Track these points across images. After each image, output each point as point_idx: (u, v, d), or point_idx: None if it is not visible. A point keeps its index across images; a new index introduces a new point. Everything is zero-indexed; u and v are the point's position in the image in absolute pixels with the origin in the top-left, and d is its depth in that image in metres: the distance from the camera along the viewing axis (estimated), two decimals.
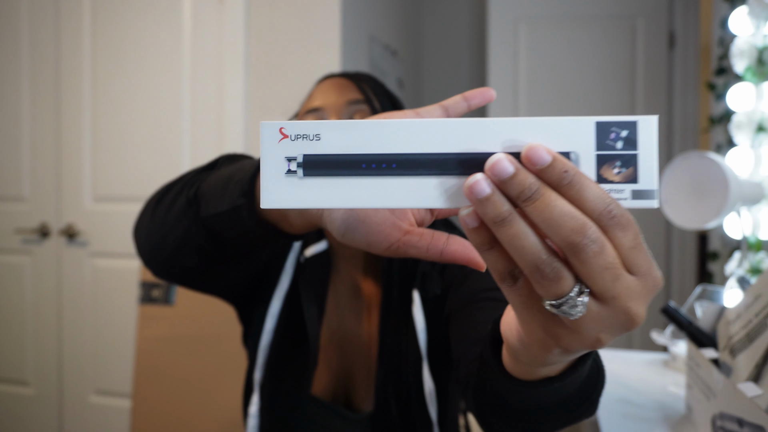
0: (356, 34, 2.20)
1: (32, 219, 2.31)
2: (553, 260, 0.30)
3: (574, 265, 0.31)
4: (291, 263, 0.84)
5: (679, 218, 1.12)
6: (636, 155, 0.33)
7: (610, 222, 0.30)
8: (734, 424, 0.63)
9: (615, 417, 0.91)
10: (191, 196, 0.60)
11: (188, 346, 1.83)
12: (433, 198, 0.35)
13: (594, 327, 0.32)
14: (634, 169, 0.33)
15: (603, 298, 0.31)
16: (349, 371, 0.85)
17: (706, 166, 1.07)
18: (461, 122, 0.35)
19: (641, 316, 0.32)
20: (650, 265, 0.32)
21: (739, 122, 1.32)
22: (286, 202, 0.36)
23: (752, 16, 1.31)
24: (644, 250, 0.32)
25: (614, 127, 0.33)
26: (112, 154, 2.22)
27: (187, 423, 1.80)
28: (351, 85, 0.81)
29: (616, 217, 0.30)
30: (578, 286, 0.31)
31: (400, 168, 0.35)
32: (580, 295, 0.31)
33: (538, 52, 2.72)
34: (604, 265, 0.30)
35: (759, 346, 0.70)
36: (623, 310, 0.31)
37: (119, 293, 2.22)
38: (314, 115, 0.78)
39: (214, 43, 2.11)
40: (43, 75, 2.29)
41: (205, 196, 0.58)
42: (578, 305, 0.31)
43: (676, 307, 0.88)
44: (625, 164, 0.33)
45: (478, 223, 0.32)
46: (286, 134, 0.36)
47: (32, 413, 2.35)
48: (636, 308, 0.31)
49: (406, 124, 0.35)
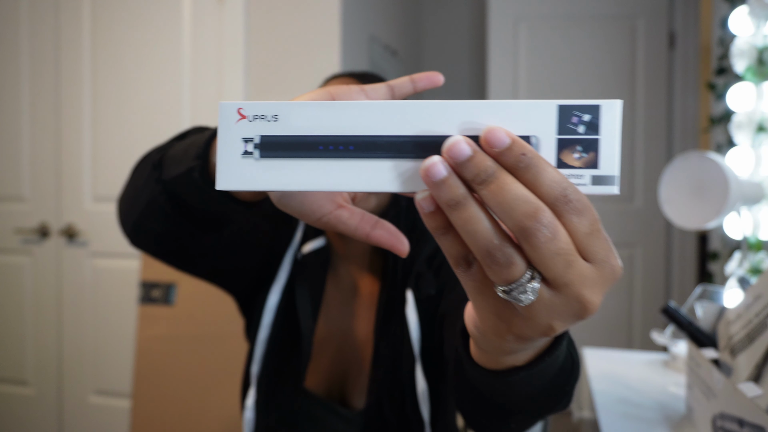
0: (356, 34, 2.20)
1: (32, 219, 2.31)
2: (504, 245, 0.30)
3: (526, 251, 0.30)
4: (289, 259, 0.85)
5: (680, 218, 1.12)
6: (597, 140, 0.32)
7: (565, 207, 0.30)
8: (734, 425, 0.63)
9: (615, 417, 0.91)
10: (156, 161, 0.62)
11: (188, 346, 1.83)
12: (390, 181, 0.34)
13: (546, 314, 0.31)
14: (595, 154, 0.32)
15: (555, 284, 0.30)
16: (345, 368, 0.86)
17: (706, 166, 1.07)
18: (420, 104, 0.34)
19: (595, 305, 0.31)
20: (608, 253, 0.31)
21: (739, 122, 1.32)
22: (242, 183, 0.35)
23: (752, 16, 1.31)
24: (602, 237, 0.31)
25: (576, 111, 0.32)
26: (112, 154, 2.22)
27: (187, 423, 1.80)
28: (356, 84, 0.81)
29: (572, 202, 0.30)
30: (529, 272, 0.30)
31: (358, 150, 0.34)
32: (531, 281, 0.30)
33: (538, 52, 2.72)
34: (556, 251, 0.29)
35: (759, 346, 0.70)
36: (576, 298, 0.30)
37: (119, 293, 2.22)
38: None
39: (214, 44, 2.11)
40: (43, 75, 2.29)
41: (167, 160, 0.61)
42: (528, 291, 0.30)
43: (676, 307, 0.88)
44: (586, 149, 0.32)
45: (433, 208, 0.31)
46: (244, 115, 0.35)
47: (32, 413, 2.35)
48: (590, 296, 0.31)
49: (365, 106, 0.34)
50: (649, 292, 2.72)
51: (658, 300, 2.71)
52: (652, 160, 2.68)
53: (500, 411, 0.49)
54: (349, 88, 0.43)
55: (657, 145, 2.69)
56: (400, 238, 0.45)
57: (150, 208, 0.64)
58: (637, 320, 2.72)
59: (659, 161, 2.68)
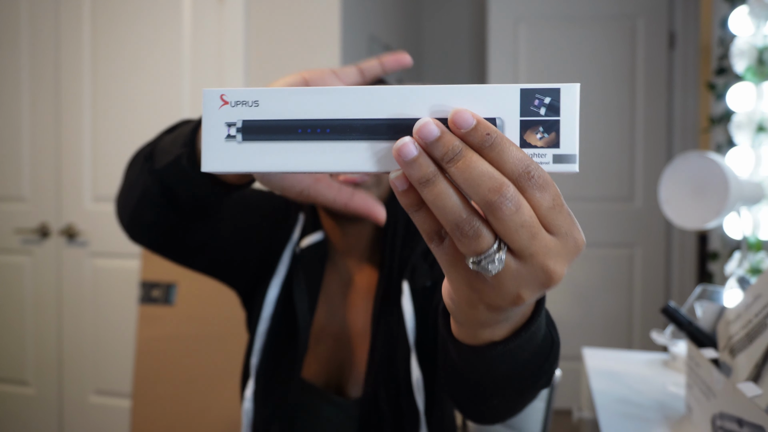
0: (356, 34, 2.20)
1: (32, 219, 2.32)
2: (472, 219, 0.32)
3: (493, 224, 0.32)
4: (288, 254, 0.87)
5: (679, 218, 1.12)
6: (558, 121, 0.34)
7: (528, 183, 0.32)
8: (734, 424, 0.63)
9: (615, 417, 0.92)
10: (147, 154, 0.65)
11: (188, 345, 1.84)
12: (365, 161, 0.36)
13: (513, 283, 0.34)
14: (556, 134, 0.34)
15: (521, 255, 0.33)
16: (342, 358, 0.87)
17: (706, 166, 1.07)
18: (392, 89, 0.36)
19: (559, 274, 0.33)
20: (571, 227, 0.33)
21: (739, 122, 1.32)
22: (226, 166, 0.37)
23: (752, 16, 1.32)
24: (565, 211, 0.33)
25: (538, 94, 0.35)
26: (112, 154, 2.22)
27: (187, 422, 1.80)
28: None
29: (534, 178, 0.32)
30: (497, 243, 0.33)
31: (334, 133, 0.36)
32: (498, 251, 0.33)
33: (538, 52, 2.72)
34: (521, 223, 0.32)
35: (759, 346, 0.70)
36: (541, 268, 0.33)
37: (119, 293, 2.23)
38: None
39: (214, 43, 2.11)
40: (43, 76, 2.29)
41: (157, 152, 0.63)
42: (496, 261, 0.33)
43: (676, 307, 0.88)
44: (548, 130, 0.34)
45: (406, 186, 0.34)
46: (227, 101, 0.37)
47: (32, 413, 2.35)
48: (554, 266, 0.33)
49: (340, 92, 0.36)
50: (649, 292, 2.72)
51: (657, 300, 2.72)
52: (652, 160, 2.69)
53: (481, 389, 0.50)
54: (321, 72, 0.46)
55: (657, 145, 2.69)
56: (377, 206, 0.49)
57: (144, 200, 0.66)
58: (637, 320, 2.73)
59: (659, 161, 2.68)
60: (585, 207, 2.71)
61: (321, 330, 0.88)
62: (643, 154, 2.69)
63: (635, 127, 2.69)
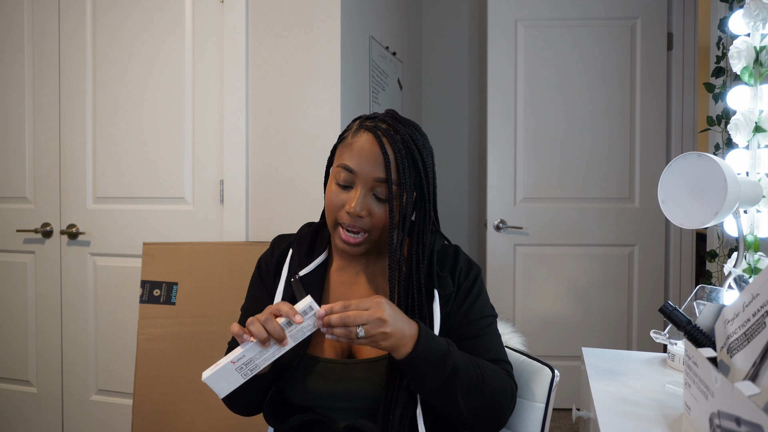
0: (356, 35, 2.21)
1: (35, 219, 2.32)
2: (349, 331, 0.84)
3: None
4: (281, 285, 1.05)
5: (678, 218, 1.13)
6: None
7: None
8: (732, 423, 0.64)
9: (614, 415, 0.92)
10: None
11: (189, 344, 1.84)
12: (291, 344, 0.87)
13: (372, 330, 0.83)
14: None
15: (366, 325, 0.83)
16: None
17: (704, 166, 1.08)
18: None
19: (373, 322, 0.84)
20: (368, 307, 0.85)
21: (736, 122, 1.33)
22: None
23: (750, 17, 1.32)
24: (360, 312, 0.84)
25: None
26: (113, 155, 2.23)
27: (188, 421, 1.81)
28: (381, 161, 0.96)
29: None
30: (359, 328, 0.83)
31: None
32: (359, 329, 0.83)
33: (537, 53, 2.73)
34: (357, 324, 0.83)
35: (756, 345, 0.71)
36: (373, 325, 0.83)
37: (121, 292, 2.23)
38: (348, 175, 0.98)
39: (215, 44, 2.12)
40: (46, 78, 2.29)
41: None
42: (359, 332, 0.83)
43: (674, 307, 0.89)
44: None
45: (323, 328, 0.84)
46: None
47: (35, 411, 2.35)
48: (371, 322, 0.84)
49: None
50: (648, 292, 2.73)
51: (656, 299, 2.73)
52: (651, 160, 2.69)
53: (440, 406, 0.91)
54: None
55: (655, 146, 2.70)
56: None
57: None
58: (636, 319, 2.73)
59: (657, 161, 2.69)
60: (584, 207, 2.71)
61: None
62: (642, 154, 2.70)
63: (634, 127, 2.70)
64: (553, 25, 2.72)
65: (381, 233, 0.99)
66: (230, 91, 2.09)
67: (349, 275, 1.06)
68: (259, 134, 2.09)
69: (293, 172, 2.06)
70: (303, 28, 2.05)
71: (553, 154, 2.73)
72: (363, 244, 0.98)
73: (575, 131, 2.72)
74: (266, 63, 2.08)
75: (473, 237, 3.39)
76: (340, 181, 0.98)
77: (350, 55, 2.13)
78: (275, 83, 2.07)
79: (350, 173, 0.97)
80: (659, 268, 2.74)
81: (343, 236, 0.97)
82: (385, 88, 2.59)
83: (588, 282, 2.75)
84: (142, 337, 1.84)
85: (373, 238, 0.99)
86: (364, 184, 0.97)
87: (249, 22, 2.09)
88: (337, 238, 0.99)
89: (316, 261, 1.05)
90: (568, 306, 2.77)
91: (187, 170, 2.16)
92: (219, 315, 1.84)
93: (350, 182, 0.97)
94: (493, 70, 2.75)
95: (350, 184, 0.97)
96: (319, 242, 1.08)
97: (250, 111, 2.09)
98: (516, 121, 2.75)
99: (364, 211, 0.96)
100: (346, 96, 2.08)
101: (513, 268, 2.78)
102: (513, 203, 2.76)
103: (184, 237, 2.14)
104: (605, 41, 2.69)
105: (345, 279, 1.06)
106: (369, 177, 0.96)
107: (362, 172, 0.96)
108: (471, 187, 3.39)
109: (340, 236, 0.98)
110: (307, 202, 2.04)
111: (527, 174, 2.75)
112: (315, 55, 2.04)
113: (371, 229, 0.98)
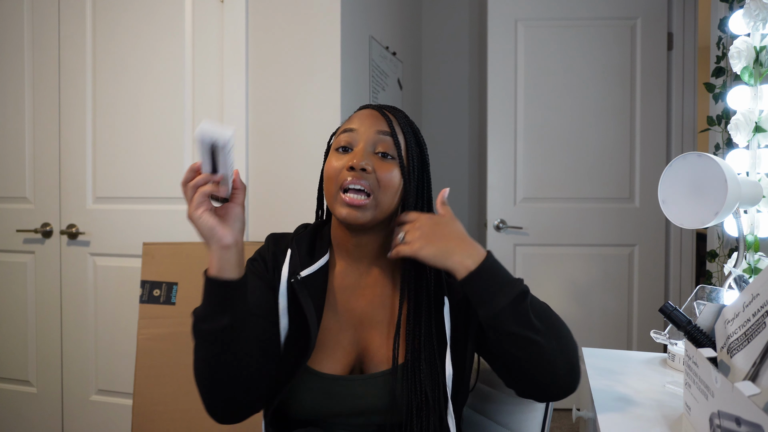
0: (356, 34, 2.21)
1: (35, 219, 2.32)
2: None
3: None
4: (283, 287, 0.96)
5: (678, 218, 1.13)
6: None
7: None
8: (732, 423, 0.64)
9: (614, 415, 0.92)
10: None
11: (189, 344, 1.84)
12: None
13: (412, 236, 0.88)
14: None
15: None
16: (361, 346, 0.96)
17: (704, 166, 1.08)
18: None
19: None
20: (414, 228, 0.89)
21: (736, 122, 1.33)
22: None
23: (750, 17, 1.32)
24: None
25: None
26: (113, 155, 2.23)
27: (188, 421, 1.81)
28: (382, 119, 0.95)
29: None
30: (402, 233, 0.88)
31: None
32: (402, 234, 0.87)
33: (537, 53, 2.73)
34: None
35: (756, 345, 0.71)
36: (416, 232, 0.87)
37: (121, 292, 2.23)
38: (349, 134, 0.94)
39: (215, 44, 2.12)
40: (46, 78, 2.29)
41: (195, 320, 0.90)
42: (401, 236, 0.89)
43: (674, 307, 0.89)
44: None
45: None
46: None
47: (35, 412, 2.35)
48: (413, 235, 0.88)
49: None
50: (648, 292, 2.73)
51: (656, 299, 2.72)
52: (651, 160, 2.69)
53: (501, 342, 0.83)
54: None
55: (655, 146, 2.70)
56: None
57: (205, 361, 0.94)
58: (636, 319, 2.73)
59: (658, 161, 2.69)
60: (584, 207, 2.71)
61: (335, 327, 0.96)
62: (642, 154, 2.70)
63: (634, 127, 2.70)
64: (553, 25, 2.72)
65: (387, 197, 0.91)
66: (230, 90, 2.09)
67: (353, 278, 1.00)
68: (259, 134, 2.09)
69: (293, 171, 2.06)
70: (303, 28, 2.05)
71: (553, 154, 2.73)
72: (369, 209, 0.90)
73: (575, 131, 2.72)
74: (266, 63, 2.08)
75: (473, 237, 3.38)
76: (341, 144, 0.93)
77: (350, 55, 2.13)
78: (275, 83, 2.07)
79: (351, 132, 0.93)
80: (659, 268, 2.74)
81: (347, 199, 0.88)
82: (385, 88, 2.59)
83: (588, 282, 2.75)
84: (142, 337, 1.84)
85: (378, 202, 0.90)
86: (366, 139, 0.92)
87: (249, 22, 2.09)
88: (340, 205, 0.90)
89: (318, 262, 0.98)
90: (568, 306, 2.77)
91: (187, 168, 2.15)
92: None
93: (351, 142, 0.92)
94: (493, 70, 2.75)
95: (351, 145, 0.92)
96: (319, 242, 1.01)
97: (250, 111, 2.09)
98: (516, 121, 2.75)
99: (367, 164, 0.89)
100: (346, 96, 2.08)
101: (513, 268, 2.77)
102: (513, 203, 2.76)
103: (184, 237, 2.14)
104: (605, 41, 2.69)
105: (349, 283, 0.99)
106: (371, 131, 0.92)
107: (363, 127, 0.93)
108: (471, 187, 3.39)
109: (344, 201, 0.89)
110: (307, 202, 2.04)
111: (527, 174, 2.75)
112: (315, 55, 2.04)
113: (376, 189, 0.90)
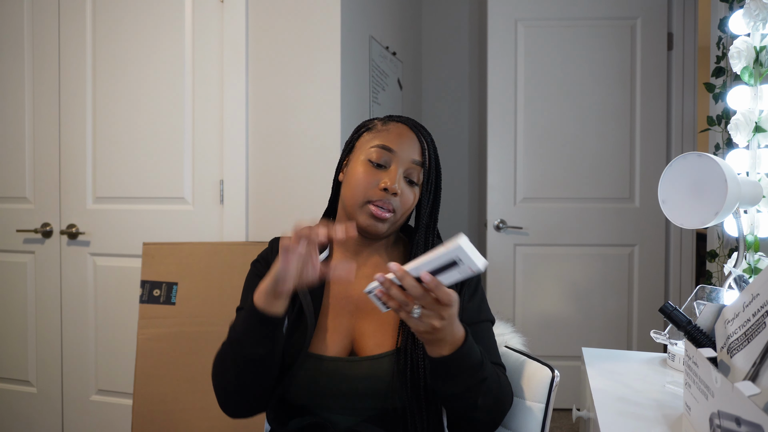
0: (356, 35, 2.21)
1: (35, 219, 2.32)
2: (407, 303, 0.80)
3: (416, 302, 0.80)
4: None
5: (678, 218, 1.13)
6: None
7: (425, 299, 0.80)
8: (732, 423, 0.64)
9: (614, 415, 0.92)
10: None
11: (189, 344, 1.84)
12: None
13: (426, 320, 0.81)
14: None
15: (426, 309, 0.81)
16: (355, 332, 1.01)
17: (704, 166, 1.08)
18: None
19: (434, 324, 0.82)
20: (436, 307, 0.80)
21: (736, 122, 1.33)
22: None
23: (750, 17, 1.32)
24: (436, 310, 0.80)
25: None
26: (113, 155, 2.23)
27: (188, 421, 1.81)
28: (418, 146, 1.03)
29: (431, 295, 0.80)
30: (417, 307, 0.80)
31: None
32: (417, 309, 0.80)
33: (537, 53, 2.73)
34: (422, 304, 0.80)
35: (756, 345, 0.71)
36: (433, 315, 0.81)
37: (121, 292, 2.23)
38: (386, 153, 1.00)
39: (215, 44, 2.12)
40: (45, 78, 2.29)
41: (233, 339, 1.01)
42: (415, 312, 0.80)
43: (674, 307, 0.89)
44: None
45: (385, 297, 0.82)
46: None
47: (35, 412, 2.35)
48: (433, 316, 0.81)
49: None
50: (648, 292, 2.73)
51: (656, 299, 2.73)
52: (651, 160, 2.69)
53: (449, 401, 0.90)
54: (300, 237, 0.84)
55: (655, 146, 2.70)
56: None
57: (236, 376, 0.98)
58: (636, 319, 2.73)
59: (658, 161, 2.69)
60: (584, 207, 2.71)
61: (332, 313, 1.01)
62: (642, 154, 2.70)
63: (634, 127, 2.70)
64: (553, 25, 2.72)
65: (403, 216, 1.01)
66: (230, 90, 2.09)
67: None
68: (259, 134, 2.09)
69: (293, 172, 2.06)
70: (303, 28, 2.05)
71: (554, 154, 2.73)
72: (388, 222, 0.99)
73: (575, 131, 2.72)
74: (266, 63, 2.08)
75: (473, 237, 3.39)
76: (375, 159, 0.99)
77: (350, 55, 2.13)
78: (275, 83, 2.07)
79: (389, 152, 1.00)
80: (659, 268, 2.74)
81: (375, 211, 0.97)
82: (385, 88, 2.59)
83: (588, 282, 2.75)
84: (142, 337, 1.84)
85: (396, 219, 1.00)
86: (401, 164, 1.00)
87: (249, 22, 2.09)
88: (365, 215, 0.98)
89: (320, 257, 1.02)
90: (568, 306, 2.77)
91: (187, 170, 2.16)
92: (219, 315, 1.84)
93: (387, 161, 1.00)
94: (493, 70, 2.75)
95: (386, 164, 1.00)
96: None
97: (250, 111, 2.09)
98: (516, 121, 2.75)
99: (400, 189, 0.98)
100: (346, 96, 2.08)
101: (513, 268, 2.77)
102: (513, 203, 2.76)
103: (184, 237, 2.14)
104: (605, 41, 2.69)
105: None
106: (407, 158, 1.00)
107: (401, 151, 1.00)
108: (471, 187, 3.39)
109: (371, 212, 0.98)
110: (307, 202, 2.04)
111: (527, 174, 2.75)
112: (315, 55, 2.04)
113: (398, 209, 0.99)
